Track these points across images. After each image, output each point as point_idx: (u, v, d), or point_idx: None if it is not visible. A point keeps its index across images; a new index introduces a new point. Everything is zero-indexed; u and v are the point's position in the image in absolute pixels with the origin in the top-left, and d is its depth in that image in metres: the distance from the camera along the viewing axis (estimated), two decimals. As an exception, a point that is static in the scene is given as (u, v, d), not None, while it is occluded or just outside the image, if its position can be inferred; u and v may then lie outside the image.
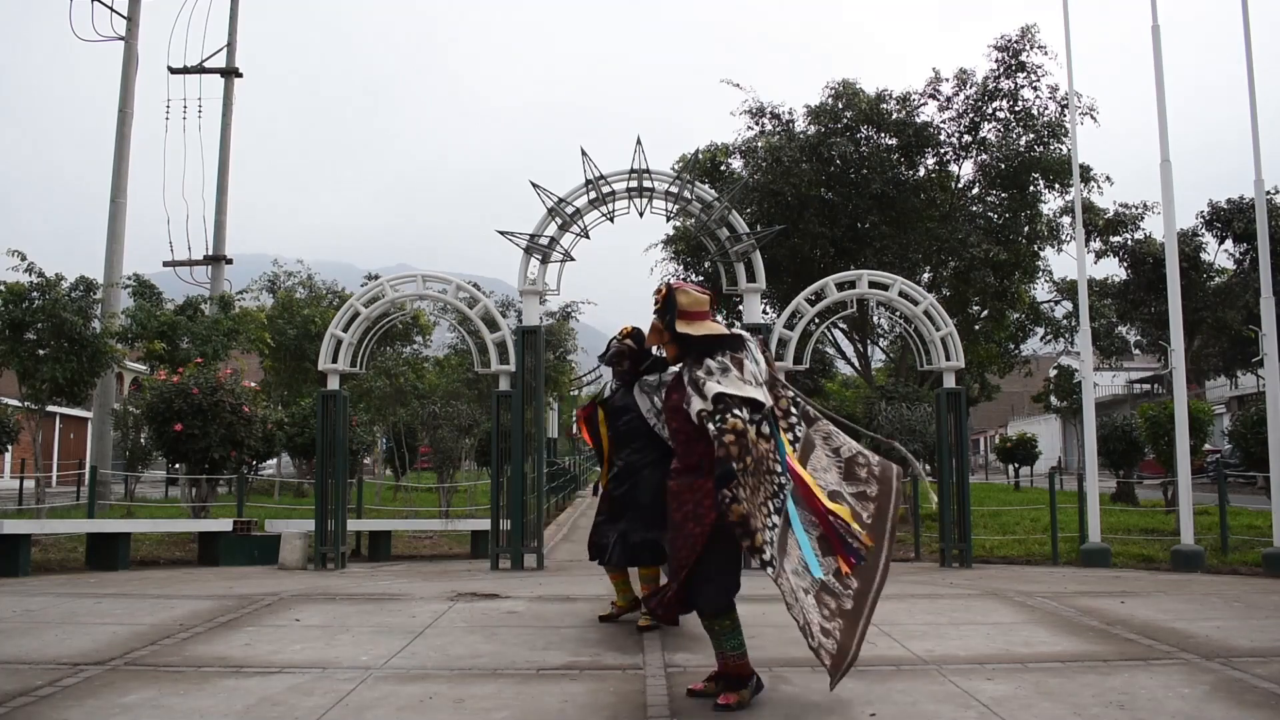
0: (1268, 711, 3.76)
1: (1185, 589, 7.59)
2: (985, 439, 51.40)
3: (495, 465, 9.44)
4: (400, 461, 20.81)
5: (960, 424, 9.74)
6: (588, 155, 9.21)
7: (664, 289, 3.97)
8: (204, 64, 20.95)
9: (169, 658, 4.69)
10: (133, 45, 16.70)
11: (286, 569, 9.26)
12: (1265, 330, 8.94)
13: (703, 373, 3.75)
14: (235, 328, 16.41)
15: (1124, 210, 18.12)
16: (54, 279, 11.52)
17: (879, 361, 21.40)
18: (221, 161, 20.59)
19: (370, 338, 9.85)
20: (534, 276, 9.60)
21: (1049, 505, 10.59)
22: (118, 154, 16.19)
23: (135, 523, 11.17)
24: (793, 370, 9.83)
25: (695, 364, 3.82)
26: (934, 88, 15.71)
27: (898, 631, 5.34)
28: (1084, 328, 10.44)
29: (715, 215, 9.60)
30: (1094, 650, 4.88)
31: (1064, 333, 18.54)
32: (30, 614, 5.98)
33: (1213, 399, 33.93)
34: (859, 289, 9.99)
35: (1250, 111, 8.91)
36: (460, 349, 23.12)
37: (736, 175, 15.95)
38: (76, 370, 11.36)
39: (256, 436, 12.50)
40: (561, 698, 3.94)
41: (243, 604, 6.35)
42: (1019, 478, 27.37)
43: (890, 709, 3.77)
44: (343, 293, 24.62)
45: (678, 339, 3.88)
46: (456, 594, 6.91)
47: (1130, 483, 16.08)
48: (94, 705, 3.82)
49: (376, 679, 4.25)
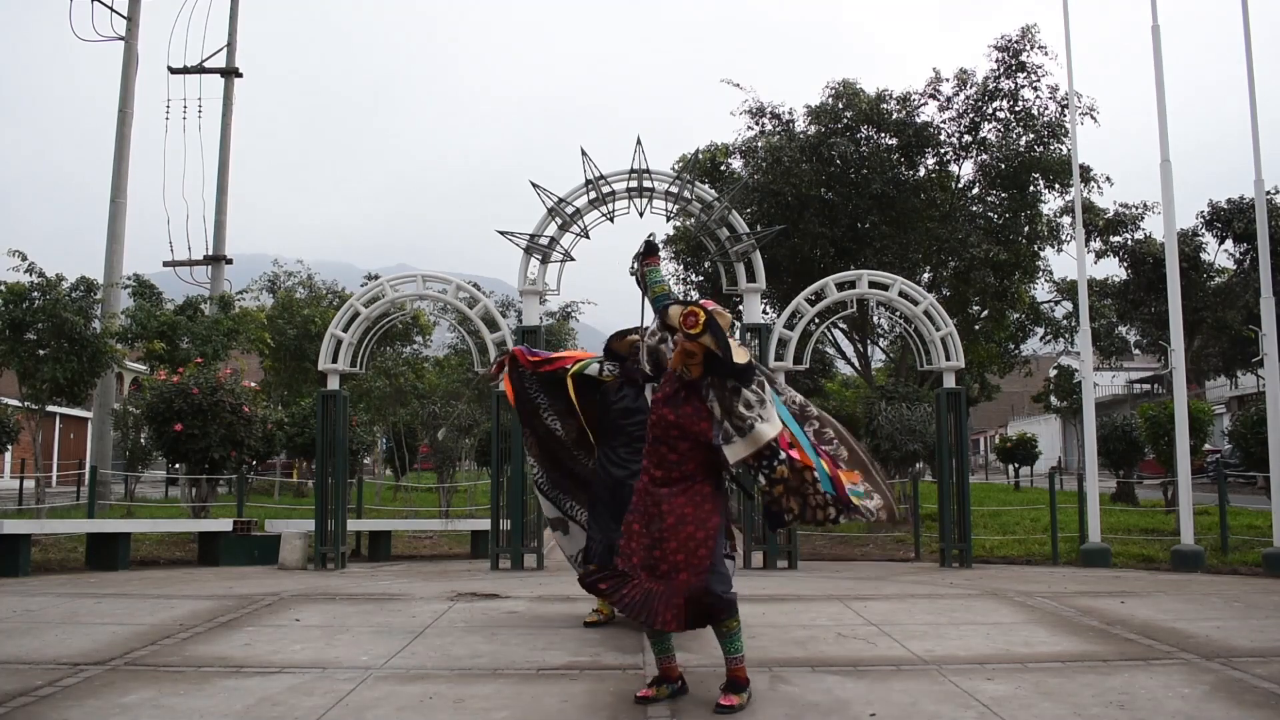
0: (1268, 711, 3.76)
1: (1185, 589, 7.59)
2: (985, 439, 51.38)
3: (495, 465, 9.44)
4: (400, 461, 20.81)
5: (960, 424, 9.73)
6: (588, 155, 9.22)
7: (701, 312, 3.79)
8: (204, 64, 20.93)
9: (169, 658, 4.69)
10: (133, 45, 16.70)
11: (286, 569, 9.26)
12: (1265, 330, 8.94)
13: (742, 406, 3.75)
14: (235, 328, 16.41)
15: (1124, 210, 18.11)
16: (54, 279, 11.53)
17: (879, 361, 21.40)
18: (221, 161, 20.59)
19: (370, 338, 9.85)
20: (534, 276, 9.60)
21: (1049, 505, 10.58)
22: (118, 154, 16.19)
23: (135, 523, 11.17)
24: (793, 370, 9.83)
25: (724, 388, 3.79)
26: (934, 88, 15.71)
27: (898, 631, 5.34)
28: (1084, 328, 10.44)
29: (715, 215, 9.61)
30: (1094, 650, 4.88)
31: (1064, 333, 18.53)
32: (30, 614, 5.98)
33: (1213, 399, 33.92)
34: (859, 289, 9.99)
35: (1250, 111, 8.91)
36: (460, 349, 23.11)
37: (736, 175, 15.95)
38: (77, 370, 11.36)
39: (256, 436, 12.50)
40: (561, 698, 3.94)
41: (243, 604, 6.35)
42: (1019, 478, 27.37)
43: (890, 709, 3.77)
44: (343, 293, 24.61)
45: (715, 364, 3.78)
46: (456, 594, 6.91)
47: (1130, 483, 16.08)
48: (94, 705, 3.82)
49: (376, 679, 4.25)
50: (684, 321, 3.81)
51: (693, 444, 3.82)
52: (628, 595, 3.77)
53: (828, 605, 6.33)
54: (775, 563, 9.12)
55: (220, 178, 20.49)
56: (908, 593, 7.18)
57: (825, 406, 22.11)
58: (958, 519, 9.59)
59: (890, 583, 7.99)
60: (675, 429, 3.82)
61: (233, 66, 20.97)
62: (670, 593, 3.72)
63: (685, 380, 3.87)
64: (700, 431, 3.80)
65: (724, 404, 3.79)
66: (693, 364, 3.82)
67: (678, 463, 3.83)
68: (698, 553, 3.74)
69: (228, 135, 20.72)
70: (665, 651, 3.91)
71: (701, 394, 3.83)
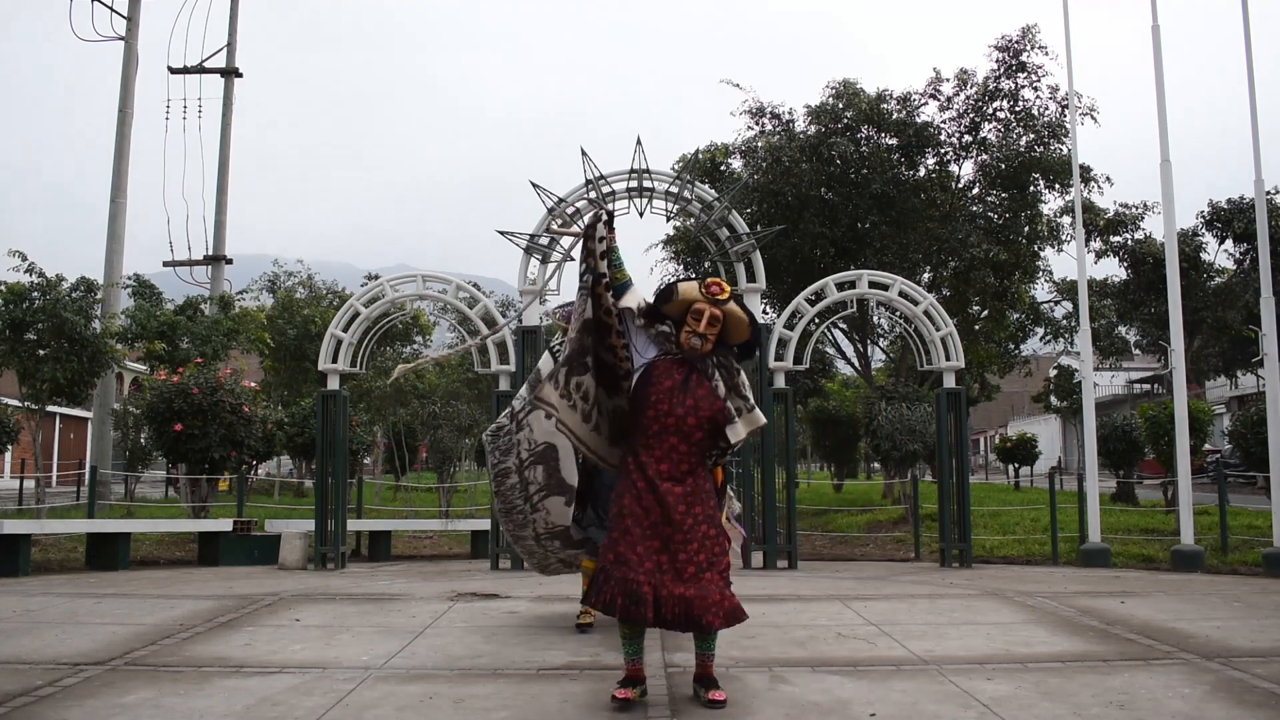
0: (1268, 711, 3.75)
1: (1185, 589, 7.59)
2: (985, 439, 51.37)
3: (495, 465, 9.43)
4: (400, 462, 20.81)
5: (960, 424, 9.73)
6: (588, 155, 9.22)
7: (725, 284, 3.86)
8: (204, 64, 20.92)
9: (169, 658, 4.69)
10: (133, 45, 16.70)
11: (286, 569, 9.26)
12: (1265, 330, 8.94)
13: (742, 384, 3.82)
14: (235, 328, 16.41)
15: (1124, 210, 18.10)
16: (55, 279, 11.52)
17: (879, 361, 21.39)
18: (221, 161, 20.58)
19: (370, 338, 9.85)
20: (534, 276, 9.60)
21: (1049, 505, 10.58)
22: (118, 154, 16.19)
23: (135, 523, 11.17)
24: (793, 370, 9.84)
25: (730, 367, 3.83)
26: (934, 88, 15.71)
27: (898, 631, 5.34)
28: (1084, 328, 10.44)
29: (715, 215, 9.60)
30: (1094, 650, 4.88)
31: (1064, 333, 18.51)
32: (30, 614, 5.98)
33: (1213, 399, 33.91)
34: (859, 289, 9.99)
35: (1250, 111, 8.91)
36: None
37: (736, 175, 15.95)
38: (77, 370, 11.36)
39: (256, 436, 12.50)
40: (561, 698, 3.94)
41: (243, 604, 6.35)
42: (1019, 478, 27.37)
43: (890, 709, 3.77)
44: (343, 293, 24.60)
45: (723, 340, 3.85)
46: (456, 594, 6.91)
47: (1130, 483, 16.07)
48: (94, 705, 3.82)
49: (376, 679, 4.25)
50: (709, 289, 3.81)
51: (706, 432, 3.77)
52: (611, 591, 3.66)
53: (828, 605, 6.33)
54: (775, 563, 9.12)
55: (220, 178, 20.48)
56: (908, 593, 7.18)
57: (825, 406, 22.19)
58: (958, 519, 9.58)
59: (890, 583, 7.99)
60: (692, 416, 3.74)
61: (233, 66, 20.96)
62: (702, 594, 3.65)
63: (688, 363, 3.83)
64: (718, 412, 3.75)
65: (729, 382, 3.79)
66: (714, 334, 3.80)
67: (688, 454, 3.77)
68: (714, 550, 3.73)
69: (228, 135, 20.71)
70: (638, 653, 3.85)
71: (708, 374, 3.81)
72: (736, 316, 3.83)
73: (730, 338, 3.91)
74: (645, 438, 3.80)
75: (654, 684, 4.09)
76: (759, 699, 3.89)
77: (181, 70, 20.79)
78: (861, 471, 29.84)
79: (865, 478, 28.51)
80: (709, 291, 3.80)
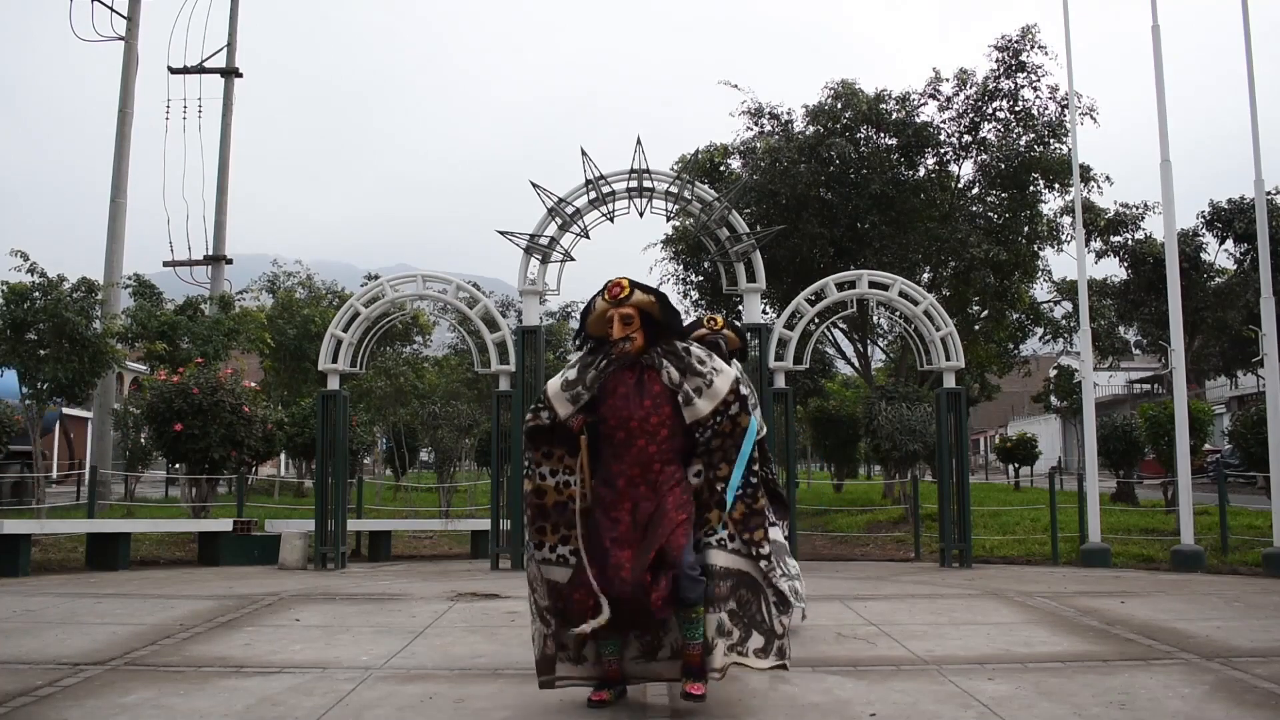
0: (1268, 711, 3.75)
1: (1185, 589, 7.59)
2: (985, 439, 51.36)
3: (495, 465, 9.45)
4: (400, 462, 20.81)
5: (960, 424, 9.74)
6: (588, 155, 9.22)
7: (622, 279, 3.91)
8: (204, 64, 20.93)
9: (169, 658, 4.69)
10: (133, 45, 16.70)
11: (286, 569, 9.26)
12: (1265, 330, 8.94)
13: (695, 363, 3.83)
14: (235, 328, 16.41)
15: (1124, 210, 18.10)
16: (55, 279, 11.53)
17: (879, 361, 21.39)
18: (221, 161, 20.59)
19: (370, 338, 9.86)
20: (534, 276, 9.61)
21: (1049, 505, 10.58)
22: (118, 154, 16.19)
23: (135, 523, 11.17)
24: (793, 370, 9.84)
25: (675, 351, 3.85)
26: (934, 88, 15.70)
27: (898, 631, 5.34)
28: (1084, 328, 10.44)
29: (715, 215, 9.61)
30: (1094, 650, 4.88)
31: (1064, 333, 18.51)
32: (30, 614, 5.98)
33: (1213, 399, 33.91)
34: (859, 289, 9.99)
35: (1250, 111, 8.91)
36: (460, 349, 23.11)
37: (735, 176, 15.94)
38: (77, 370, 11.36)
39: (256, 436, 12.50)
40: (561, 698, 3.93)
41: (243, 604, 6.36)
42: (1019, 478, 27.36)
43: (890, 709, 3.77)
44: (343, 293, 24.61)
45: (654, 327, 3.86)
46: (456, 594, 6.91)
47: (1130, 483, 16.06)
48: (94, 705, 3.82)
49: (377, 679, 4.25)
50: (609, 293, 3.84)
51: (671, 428, 3.75)
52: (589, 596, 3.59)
53: (828, 605, 6.32)
54: (775, 563, 9.11)
55: (220, 178, 20.50)
56: (908, 593, 7.19)
57: (825, 406, 22.18)
58: (958, 519, 9.59)
59: (890, 583, 7.99)
60: (654, 414, 3.73)
61: (233, 66, 20.97)
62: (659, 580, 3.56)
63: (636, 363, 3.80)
64: (676, 403, 3.75)
65: (679, 365, 3.79)
66: (632, 330, 3.80)
67: (657, 454, 3.73)
68: (675, 533, 3.62)
69: (228, 135, 20.72)
70: (614, 653, 3.79)
71: (656, 367, 3.80)
72: (645, 303, 3.84)
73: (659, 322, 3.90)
74: (612, 447, 3.79)
75: (654, 684, 4.07)
76: (759, 699, 3.89)
77: (181, 70, 20.81)
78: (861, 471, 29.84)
79: (865, 478, 28.50)
80: (610, 296, 3.85)
